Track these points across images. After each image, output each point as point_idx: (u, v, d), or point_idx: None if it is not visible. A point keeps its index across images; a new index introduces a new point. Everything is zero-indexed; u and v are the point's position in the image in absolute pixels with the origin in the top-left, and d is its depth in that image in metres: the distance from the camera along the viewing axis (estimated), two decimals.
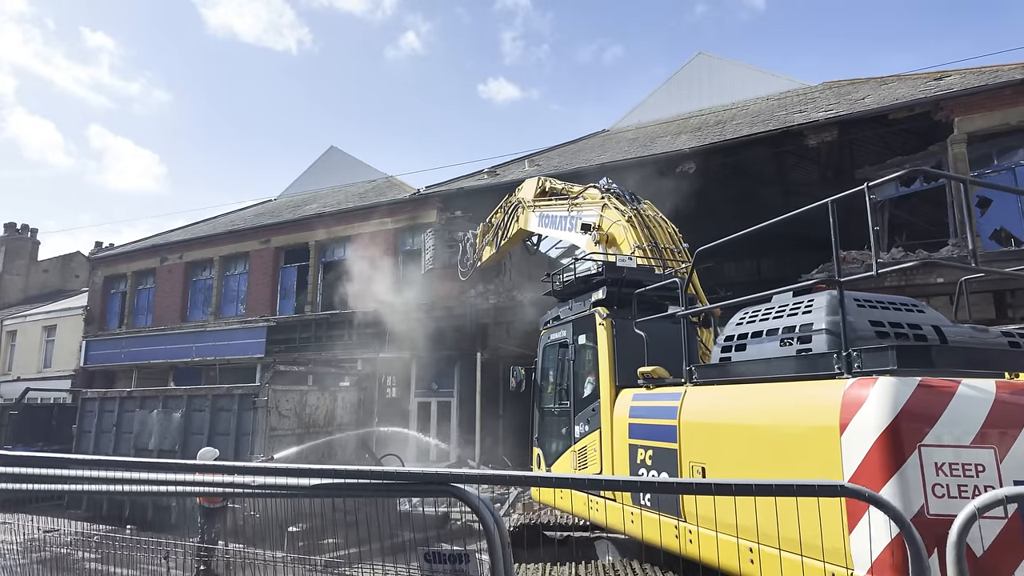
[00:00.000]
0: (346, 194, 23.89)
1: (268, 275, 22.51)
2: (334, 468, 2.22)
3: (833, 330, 3.66)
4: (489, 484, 2.32)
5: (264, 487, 2.31)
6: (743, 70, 20.18)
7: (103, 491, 5.76)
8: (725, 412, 4.10)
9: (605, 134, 21.93)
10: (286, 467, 2.36)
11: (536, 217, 9.78)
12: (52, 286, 36.60)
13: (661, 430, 4.64)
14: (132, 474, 2.92)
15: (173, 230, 28.38)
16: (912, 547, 1.86)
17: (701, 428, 4.26)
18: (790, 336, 3.97)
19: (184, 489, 2.95)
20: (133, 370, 24.25)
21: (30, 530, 5.72)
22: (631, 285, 5.97)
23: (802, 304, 4.08)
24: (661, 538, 4.47)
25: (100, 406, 13.54)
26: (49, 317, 29.21)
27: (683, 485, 2.90)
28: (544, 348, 7.16)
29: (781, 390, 3.70)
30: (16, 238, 36.41)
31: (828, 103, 15.58)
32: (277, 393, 11.62)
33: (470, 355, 16.67)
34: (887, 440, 2.88)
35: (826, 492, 1.95)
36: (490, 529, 1.98)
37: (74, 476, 3.40)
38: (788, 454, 3.44)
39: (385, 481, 2.26)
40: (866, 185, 3.60)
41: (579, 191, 8.87)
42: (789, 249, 19.76)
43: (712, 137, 15.79)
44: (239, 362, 21.70)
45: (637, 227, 7.25)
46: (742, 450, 3.83)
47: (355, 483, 2.20)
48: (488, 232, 11.55)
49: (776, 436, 3.56)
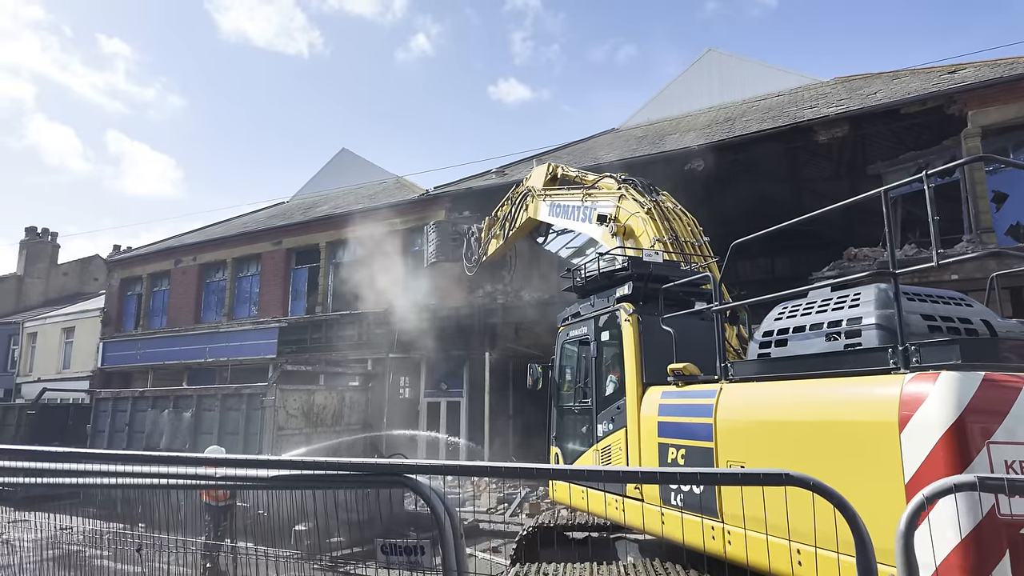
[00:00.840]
0: (356, 196, 24.03)
1: (280, 276, 22.71)
2: (292, 460, 2.22)
3: (885, 324, 3.58)
4: (442, 474, 2.30)
5: (226, 478, 2.32)
6: (754, 66, 19.98)
7: (111, 484, 5.83)
8: (768, 409, 3.99)
9: (615, 132, 21.83)
10: (247, 459, 2.37)
11: (547, 206, 9.41)
12: (71, 289, 37.25)
13: (695, 428, 4.55)
14: (134, 468, 2.97)
15: (187, 232, 28.75)
16: (857, 536, 1.80)
17: (740, 426, 4.16)
18: (836, 331, 3.87)
19: (170, 482, 2.97)
20: (149, 371, 24.59)
21: (45, 528, 5.79)
22: (657, 280, 5.87)
23: (847, 298, 4.00)
24: (685, 538, 4.39)
25: (113, 406, 13.74)
26: (68, 319, 29.72)
27: (648, 474, 2.83)
28: (562, 345, 7.03)
29: (831, 386, 3.59)
30: (37, 242, 37.11)
31: (839, 98, 15.37)
32: (285, 393, 11.70)
33: (479, 355, 16.67)
34: (953, 437, 2.77)
35: (771, 481, 1.90)
36: (441, 519, 1.97)
37: (85, 470, 3.43)
38: (841, 452, 3.33)
39: (340, 472, 2.26)
40: (883, 190, 3.54)
41: (594, 180, 8.53)
42: (802, 248, 19.53)
43: (721, 134, 15.65)
44: (252, 363, 21.91)
45: (657, 220, 7.04)
46: (788, 448, 3.72)
47: (312, 474, 2.20)
48: (494, 224, 11.23)
49: (827, 434, 3.45)
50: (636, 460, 5.28)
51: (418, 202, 19.91)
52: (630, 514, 5.23)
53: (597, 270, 6.48)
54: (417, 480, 2.04)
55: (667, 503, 4.81)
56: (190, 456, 2.96)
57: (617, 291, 6.00)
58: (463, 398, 17.67)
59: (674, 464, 4.79)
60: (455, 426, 17.72)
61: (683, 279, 5.75)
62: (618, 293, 5.96)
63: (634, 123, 21.96)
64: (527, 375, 7.49)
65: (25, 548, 5.69)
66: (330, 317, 20.66)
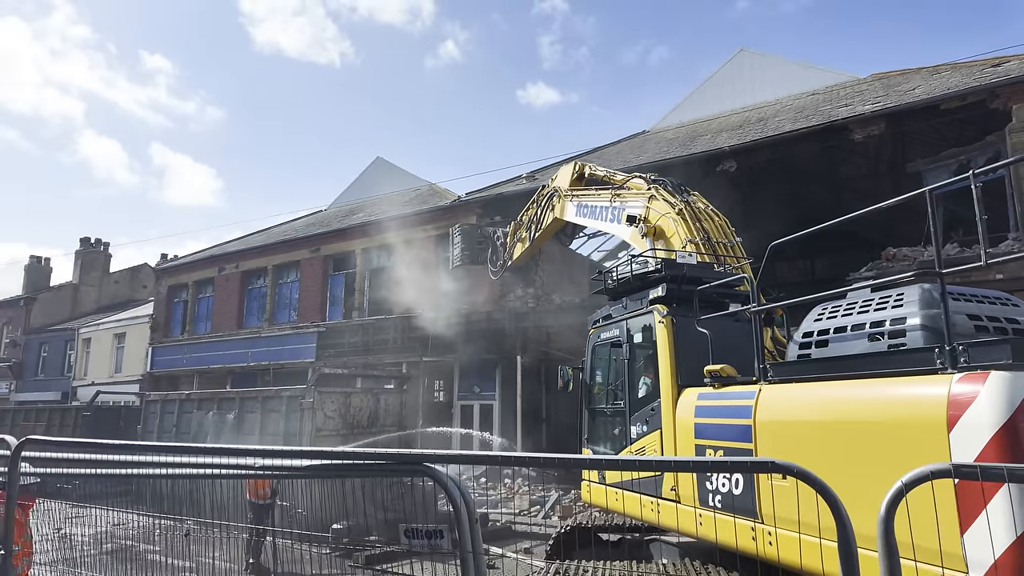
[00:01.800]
0: (390, 203, 24.51)
1: (318, 282, 23.33)
2: (319, 450, 2.40)
3: (930, 324, 3.57)
4: (460, 464, 2.46)
5: (260, 468, 2.53)
6: (787, 65, 19.69)
7: (159, 475, 6.15)
8: (811, 410, 3.96)
9: (645, 135, 21.77)
10: (276, 449, 2.56)
11: (573, 206, 9.27)
12: (123, 296, 38.90)
13: (733, 430, 4.51)
14: (179, 459, 3.22)
15: (230, 241, 29.77)
16: (840, 523, 1.87)
17: (781, 427, 4.13)
18: (879, 331, 3.87)
19: (209, 472, 3.21)
20: (195, 374, 25.53)
21: (100, 523, 6.14)
22: (691, 282, 5.83)
23: (889, 299, 3.99)
24: (723, 539, 4.37)
25: (162, 408, 14.38)
26: (119, 325, 31.08)
27: (627, 462, 2.88)
28: (593, 347, 7.01)
29: (876, 387, 3.57)
30: (90, 252, 38.89)
31: (876, 95, 15.05)
32: (322, 395, 12.07)
33: (511, 358, 16.83)
34: (1004, 437, 2.74)
35: (758, 468, 1.98)
36: (458, 506, 2.13)
37: (137, 461, 3.70)
38: (888, 452, 3.30)
39: (365, 461, 2.44)
40: (928, 190, 3.54)
41: (622, 179, 8.48)
42: (840, 248, 19.11)
43: (754, 135, 15.49)
44: (292, 366, 22.53)
45: (689, 220, 6.96)
46: (831, 448, 3.69)
47: (340, 464, 2.38)
48: (520, 228, 11.12)
49: (873, 434, 3.44)
50: None
51: (449, 208, 20.23)
52: (665, 516, 5.20)
53: (630, 272, 6.44)
54: (435, 468, 2.20)
55: (704, 504, 4.77)
56: (224, 448, 3.19)
57: (650, 293, 5.98)
58: (496, 401, 17.86)
59: None
60: (488, 428, 17.90)
61: (717, 280, 5.70)
62: (651, 295, 5.94)
63: (665, 125, 21.86)
64: (558, 377, 7.54)
65: (83, 542, 6.07)
66: (366, 322, 21.13)
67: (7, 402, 32.29)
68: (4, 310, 37.92)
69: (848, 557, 1.85)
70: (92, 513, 5.89)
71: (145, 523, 7.65)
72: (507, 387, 17.35)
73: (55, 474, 3.82)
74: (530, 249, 10.83)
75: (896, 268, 12.87)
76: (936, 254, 3.51)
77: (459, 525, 2.13)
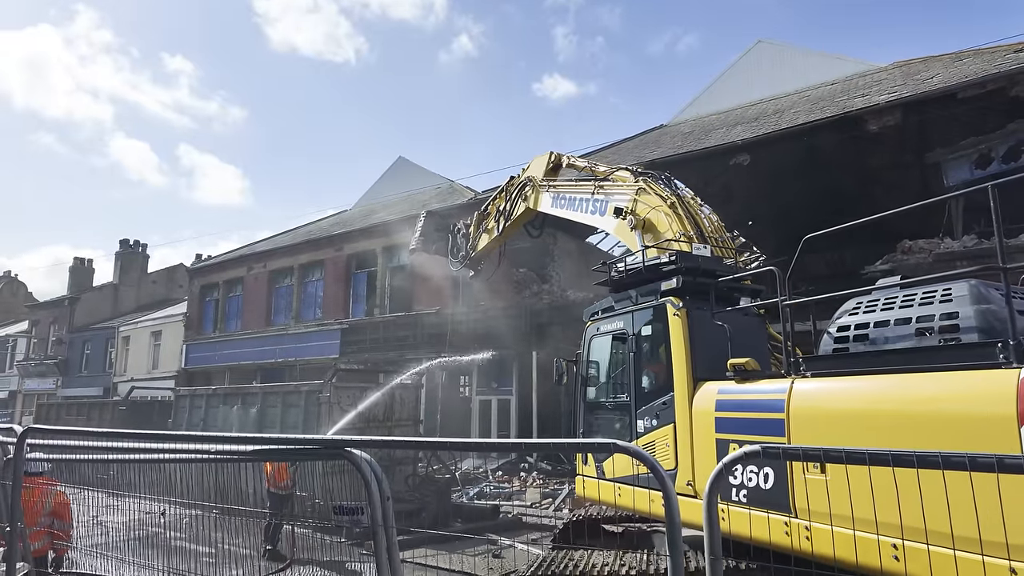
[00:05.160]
0: (411, 202, 24.93)
1: (341, 281, 23.91)
2: (247, 436, 2.68)
3: (984, 320, 3.60)
4: (376, 448, 2.71)
5: (195, 451, 2.82)
6: (806, 55, 19.38)
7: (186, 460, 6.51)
8: (856, 404, 3.91)
9: (662, 129, 21.68)
10: (210, 435, 2.83)
11: (549, 197, 8.93)
12: (160, 295, 40.35)
13: (762, 424, 4.45)
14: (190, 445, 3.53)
15: (258, 241, 30.65)
16: (667, 502, 2.02)
17: (820, 421, 4.07)
18: (928, 326, 3.86)
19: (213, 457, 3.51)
20: (226, 371, 26.41)
21: (133, 512, 6.56)
22: (705, 274, 5.79)
23: (935, 293, 4.00)
24: (754, 534, 4.27)
25: (190, 403, 15.03)
26: (156, 323, 32.30)
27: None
28: (591, 340, 6.89)
29: (934, 381, 3.53)
30: (129, 253, 40.43)
31: (894, 85, 14.77)
32: (339, 390, 12.49)
33: (526, 354, 17.06)
34: None
35: (599, 449, 2.15)
36: (371, 485, 2.38)
37: (163, 448, 4.01)
38: (951, 446, 3.16)
39: (289, 447, 2.70)
40: (991, 185, 3.57)
41: (605, 171, 8.21)
42: (863, 241, 18.75)
43: (769, 127, 15.36)
44: (318, 363, 23.12)
45: (681, 214, 6.81)
46: (883, 442, 3.59)
47: (266, 448, 2.65)
48: (486, 219, 10.57)
49: (934, 427, 3.39)
50: (687, 456, 5.16)
51: (466, 206, 20.47)
52: (681, 511, 5.15)
53: (642, 263, 6.32)
54: (352, 452, 2.46)
55: (727, 499, 4.68)
56: (183, 435, 3.48)
57: (663, 285, 5.87)
58: (513, 396, 18.10)
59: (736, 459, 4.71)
60: (505, 423, 18.18)
61: (731, 274, 5.68)
62: (664, 287, 5.85)
63: (683, 118, 21.74)
64: (553, 370, 7.61)
65: (117, 529, 6.52)
66: (387, 319, 21.59)
67: (54, 397, 33.88)
68: (50, 310, 39.72)
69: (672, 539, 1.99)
70: (126, 502, 6.31)
71: (175, 511, 8.12)
72: (524, 382, 17.59)
73: (62, 459, 4.19)
74: (498, 239, 10.32)
75: (912, 260, 12.65)
76: (999, 250, 3.53)
77: (371, 502, 2.38)
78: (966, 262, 11.91)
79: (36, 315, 40.68)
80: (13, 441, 3.37)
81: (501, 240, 10.36)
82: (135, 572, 5.99)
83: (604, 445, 2.10)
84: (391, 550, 2.38)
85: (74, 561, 6.30)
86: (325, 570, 8.90)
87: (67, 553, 6.14)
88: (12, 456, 3.38)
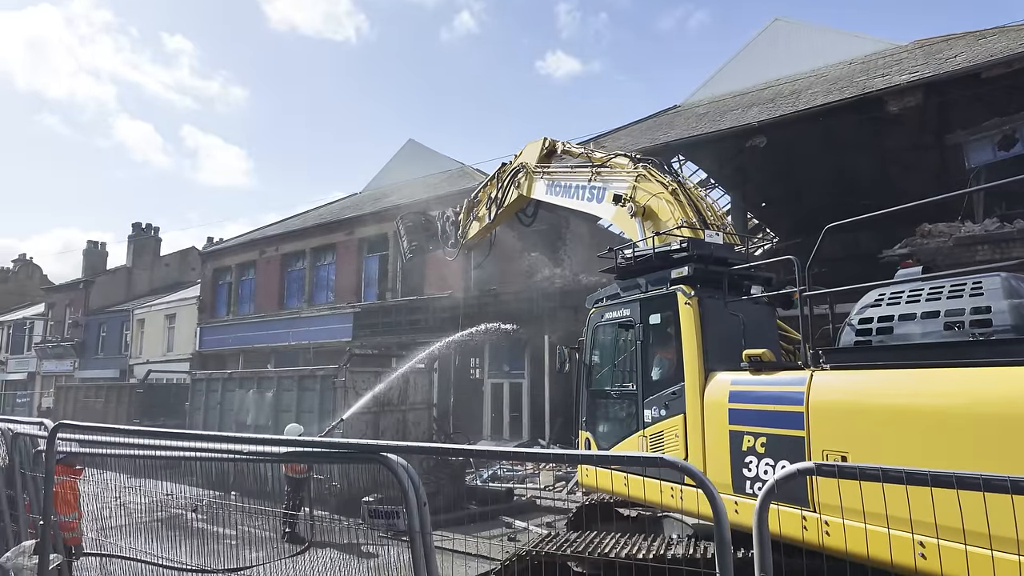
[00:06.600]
0: (422, 186, 24.83)
1: (353, 265, 23.98)
2: (289, 439, 2.68)
3: (1019, 315, 3.54)
4: (416, 454, 2.72)
5: (227, 452, 2.85)
6: (824, 34, 18.97)
7: (207, 458, 6.62)
8: (883, 398, 3.82)
9: (676, 110, 21.39)
10: (257, 437, 2.85)
11: (544, 184, 8.77)
12: (173, 279, 40.66)
13: (779, 416, 4.40)
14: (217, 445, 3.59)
15: (269, 225, 30.73)
16: (717, 516, 2.00)
17: (842, 414, 4.01)
18: (958, 320, 3.79)
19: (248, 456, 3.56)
20: (240, 354, 26.68)
21: (153, 494, 6.68)
22: (717, 262, 5.71)
23: (964, 286, 3.93)
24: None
25: (207, 386, 15.21)
26: (170, 307, 32.60)
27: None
28: (595, 328, 6.82)
29: (964, 377, 3.45)
30: (142, 237, 40.67)
31: (915, 64, 14.44)
32: (354, 375, 12.59)
33: (538, 337, 17.08)
34: None
35: (647, 462, 2.13)
36: (408, 492, 2.38)
37: (186, 446, 4.08)
38: (983, 444, 3.21)
39: (326, 450, 2.71)
40: (993, 185, 3.55)
41: (602, 158, 7.99)
42: (882, 225, 18.48)
43: (786, 108, 15.09)
44: (331, 346, 23.29)
45: (684, 201, 6.64)
46: (913, 437, 3.56)
47: (305, 451, 2.66)
48: (477, 207, 10.45)
49: (965, 425, 3.32)
50: (698, 447, 5.12)
51: (475, 189, 20.39)
52: (688, 502, 4.97)
53: (652, 250, 6.20)
54: (388, 457, 2.46)
55: (740, 491, 4.65)
56: (211, 434, 3.49)
57: (673, 272, 5.77)
58: (525, 379, 18.18)
59: (751, 452, 4.58)
60: (517, 406, 18.28)
61: (743, 262, 5.60)
62: (674, 274, 5.74)
63: (697, 99, 21.42)
64: (556, 358, 7.56)
65: (139, 511, 6.64)
66: (399, 303, 21.65)
67: (72, 378, 34.41)
68: (66, 292, 40.18)
69: (722, 545, 1.99)
70: (146, 484, 6.43)
71: (193, 495, 8.26)
72: (536, 366, 17.64)
73: (89, 453, 4.25)
74: (488, 227, 10.18)
75: (932, 244, 12.46)
76: None
77: (408, 508, 2.39)
78: (987, 247, 11.73)
79: (52, 298, 41.18)
80: (44, 435, 3.43)
81: (492, 228, 10.24)
82: (159, 554, 6.12)
83: (651, 459, 2.08)
84: (428, 555, 2.39)
85: (100, 543, 6.43)
86: (343, 552, 9.05)
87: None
88: (44, 451, 3.44)
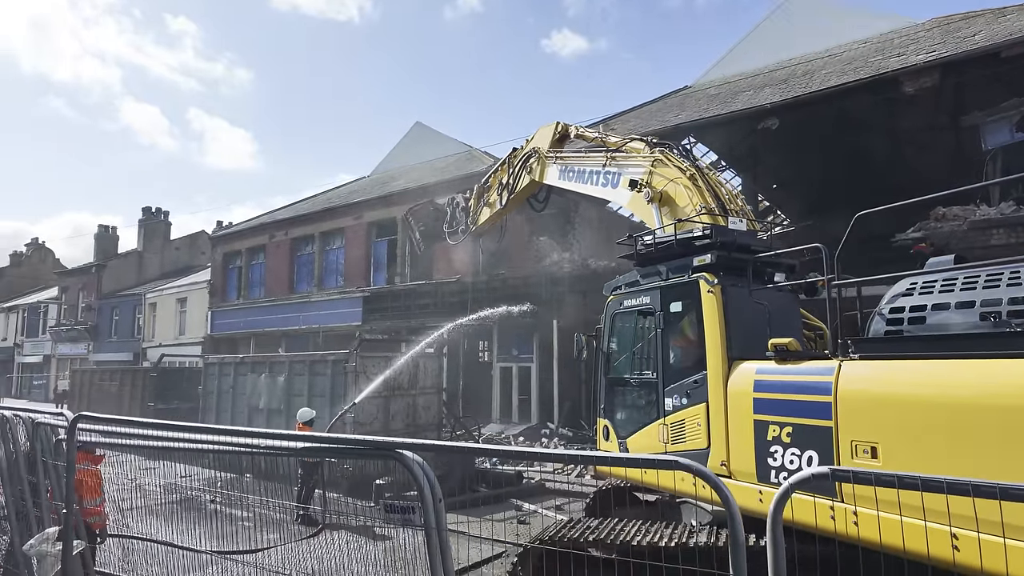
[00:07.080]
0: (430, 169, 24.75)
1: (362, 249, 24.02)
2: (308, 435, 2.71)
3: None
4: (431, 451, 2.74)
5: (244, 446, 2.89)
6: (839, 11, 18.60)
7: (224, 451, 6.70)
8: (915, 389, 3.78)
9: (687, 91, 21.11)
10: (278, 432, 2.89)
11: (556, 169, 8.63)
12: (183, 263, 40.95)
13: (807, 406, 4.39)
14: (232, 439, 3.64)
15: (278, 209, 30.78)
16: (732, 520, 2.00)
17: (873, 404, 3.98)
18: (995, 311, 3.73)
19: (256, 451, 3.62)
20: (251, 337, 26.92)
21: (169, 476, 6.79)
22: (741, 250, 5.65)
23: (1001, 276, 3.87)
24: (795, 516, 4.08)
25: (219, 370, 15.35)
26: (181, 291, 32.87)
27: None
28: (614, 316, 6.75)
29: (1005, 368, 3.39)
30: (152, 221, 40.93)
31: (932, 43, 14.15)
32: (364, 359, 12.67)
33: (547, 322, 17.10)
34: None
35: (662, 466, 2.13)
36: (423, 489, 2.41)
37: (201, 439, 4.12)
38: None
39: (342, 446, 2.74)
40: None
41: (617, 142, 7.82)
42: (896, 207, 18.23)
43: (799, 89, 14.87)
44: (341, 329, 23.44)
45: (702, 186, 6.53)
46: (939, 432, 3.53)
47: (322, 447, 2.69)
48: (488, 192, 10.31)
49: (1003, 418, 3.29)
50: (721, 436, 5.09)
51: (484, 174, 20.28)
52: (705, 489, 4.94)
53: (673, 237, 6.10)
54: (403, 454, 2.48)
55: (765, 481, 4.63)
56: (225, 428, 3.52)
57: (695, 260, 5.70)
58: (533, 364, 18.25)
59: (776, 441, 4.58)
60: (526, 390, 18.38)
61: (767, 249, 5.50)
62: (696, 262, 5.67)
63: (708, 80, 21.12)
64: (573, 345, 7.55)
65: (154, 492, 6.76)
66: (408, 287, 21.72)
67: (87, 361, 34.90)
68: (78, 276, 40.58)
69: (736, 546, 2.00)
70: (162, 466, 6.53)
71: (208, 476, 8.40)
72: (544, 350, 17.69)
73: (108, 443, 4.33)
74: (500, 212, 10.09)
75: (946, 228, 12.31)
76: None
77: (423, 504, 2.42)
78: (1003, 230, 11.57)
79: (65, 282, 41.61)
80: (65, 424, 3.50)
81: (504, 213, 10.16)
82: (176, 535, 6.25)
83: (667, 463, 2.06)
84: (444, 551, 2.42)
85: (118, 524, 6.56)
86: (356, 534, 9.19)
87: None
88: (66, 440, 3.51)
